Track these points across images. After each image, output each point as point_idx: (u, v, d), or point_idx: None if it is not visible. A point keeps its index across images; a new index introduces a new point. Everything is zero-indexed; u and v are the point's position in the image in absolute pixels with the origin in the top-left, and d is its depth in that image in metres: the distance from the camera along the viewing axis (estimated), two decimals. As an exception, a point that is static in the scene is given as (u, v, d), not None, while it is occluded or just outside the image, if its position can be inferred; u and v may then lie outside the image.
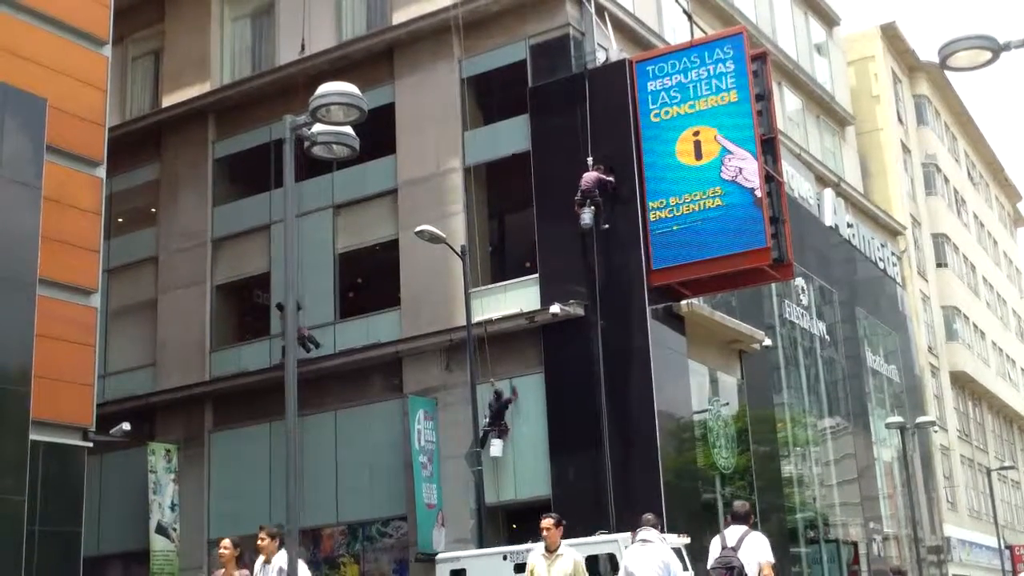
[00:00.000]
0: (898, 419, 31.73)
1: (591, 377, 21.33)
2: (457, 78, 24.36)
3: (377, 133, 22.11)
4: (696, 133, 21.74)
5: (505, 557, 17.75)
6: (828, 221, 32.06)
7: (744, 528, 11.49)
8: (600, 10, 23.76)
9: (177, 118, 28.00)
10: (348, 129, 12.37)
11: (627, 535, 15.15)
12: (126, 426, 23.35)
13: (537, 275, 22.66)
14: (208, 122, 27.74)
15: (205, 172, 27.53)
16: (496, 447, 21.87)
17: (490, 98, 24.92)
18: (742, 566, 11.08)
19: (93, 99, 20.48)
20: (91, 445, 19.56)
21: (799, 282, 28.71)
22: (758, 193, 21.07)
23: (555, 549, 10.93)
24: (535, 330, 22.28)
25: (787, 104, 34.50)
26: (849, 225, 34.01)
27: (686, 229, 21.43)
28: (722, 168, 21.40)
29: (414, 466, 22.40)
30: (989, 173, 59.76)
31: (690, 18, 25.06)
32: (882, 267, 36.21)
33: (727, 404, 24.12)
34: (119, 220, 28.43)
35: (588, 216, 21.45)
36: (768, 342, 25.59)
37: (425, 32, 24.79)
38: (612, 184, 21.79)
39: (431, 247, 21.92)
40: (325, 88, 11.88)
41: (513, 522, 22.60)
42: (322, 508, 23.69)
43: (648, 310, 21.33)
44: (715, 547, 11.55)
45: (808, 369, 29.28)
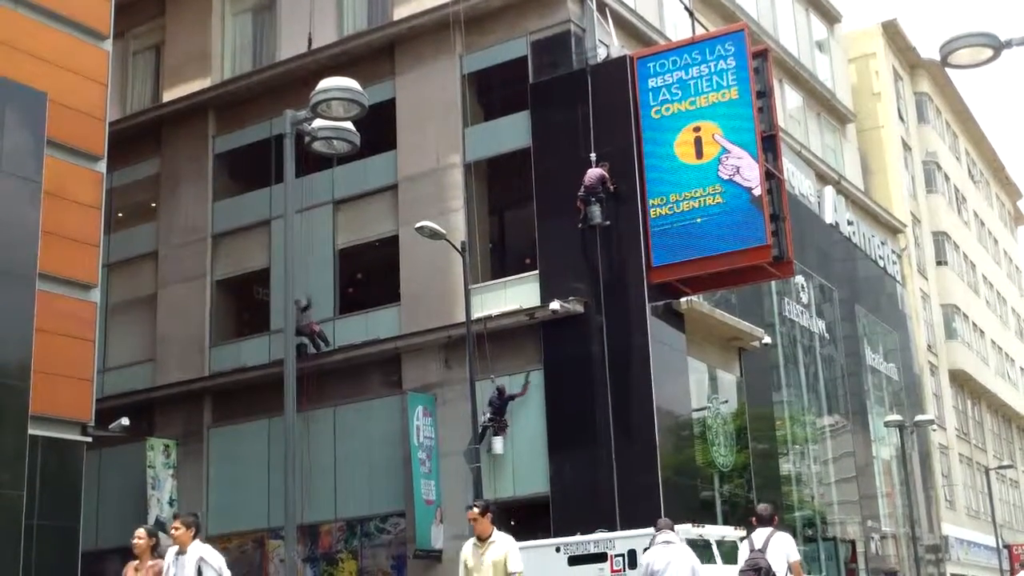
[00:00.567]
0: (897, 417, 31.71)
1: (590, 374, 21.35)
2: (458, 74, 24.35)
3: (378, 129, 22.11)
4: (696, 129, 21.75)
5: (558, 549, 17.48)
6: (828, 219, 32.06)
7: (769, 529, 12.05)
8: (601, 6, 23.75)
9: (177, 113, 27.97)
10: (349, 125, 12.39)
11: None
12: (125, 421, 23.37)
13: (537, 272, 22.66)
14: (208, 117, 27.72)
15: (205, 167, 27.51)
16: (498, 444, 21.89)
17: (491, 94, 24.93)
18: (769, 566, 11.62)
19: (94, 94, 20.48)
20: (90, 440, 19.57)
21: (799, 280, 28.72)
22: (755, 192, 21.08)
23: (487, 537, 10.72)
24: (535, 327, 22.30)
25: (788, 101, 34.46)
26: (849, 223, 33.99)
27: (686, 226, 21.44)
28: (720, 167, 21.41)
29: (413, 462, 22.41)
30: (990, 171, 59.66)
31: (691, 15, 25.06)
32: (882, 265, 36.19)
33: (726, 402, 24.13)
34: (119, 215, 28.42)
35: (598, 213, 21.44)
36: (768, 340, 25.59)
37: (426, 28, 24.77)
38: (612, 181, 21.77)
39: (431, 243, 21.88)
40: (326, 83, 11.89)
41: (512, 519, 22.58)
42: (321, 504, 23.69)
43: (648, 307, 21.35)
44: (744, 550, 12.16)
45: (807, 367, 29.28)
